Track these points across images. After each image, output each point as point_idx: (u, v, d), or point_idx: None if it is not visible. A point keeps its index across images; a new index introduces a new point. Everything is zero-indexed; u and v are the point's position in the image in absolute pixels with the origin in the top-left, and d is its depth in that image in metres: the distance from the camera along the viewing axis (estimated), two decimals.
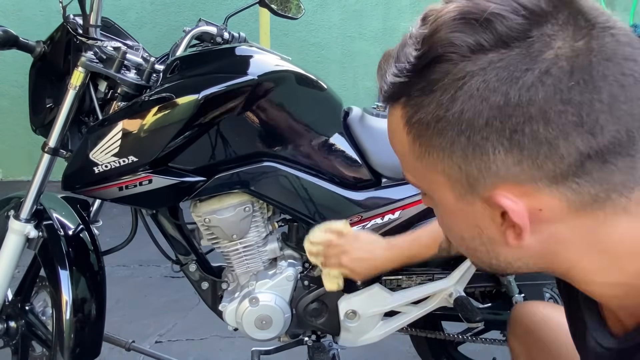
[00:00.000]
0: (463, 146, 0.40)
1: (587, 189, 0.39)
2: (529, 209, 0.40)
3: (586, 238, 0.42)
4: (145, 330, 2.03)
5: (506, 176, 0.40)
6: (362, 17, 4.47)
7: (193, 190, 1.09)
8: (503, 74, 0.37)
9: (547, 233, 0.42)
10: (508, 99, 0.37)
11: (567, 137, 0.37)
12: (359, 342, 1.25)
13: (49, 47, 1.19)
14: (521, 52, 0.37)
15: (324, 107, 1.19)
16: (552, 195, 0.40)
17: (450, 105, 0.39)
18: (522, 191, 0.40)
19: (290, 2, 1.36)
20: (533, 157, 0.38)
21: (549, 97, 0.37)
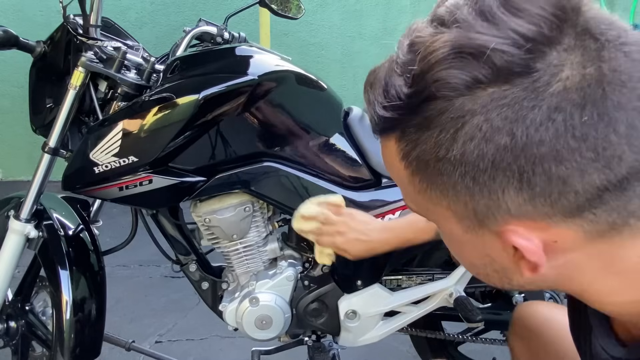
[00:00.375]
0: (468, 186, 0.37)
1: (605, 218, 0.37)
2: (543, 241, 0.38)
3: (602, 262, 0.40)
4: (145, 330, 2.03)
5: (518, 214, 0.37)
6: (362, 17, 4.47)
7: (193, 190, 1.09)
8: (507, 112, 0.34)
9: (562, 260, 0.40)
10: (515, 140, 0.34)
11: (582, 174, 0.35)
12: (359, 342, 1.25)
13: (49, 47, 1.19)
14: (526, 87, 0.34)
15: (324, 107, 1.19)
16: (568, 227, 0.38)
17: (451, 145, 0.36)
18: (536, 227, 0.38)
19: (290, 2, 1.36)
20: (546, 195, 0.36)
21: (560, 134, 0.34)
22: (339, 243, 0.97)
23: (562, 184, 0.35)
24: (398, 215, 1.16)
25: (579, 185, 0.35)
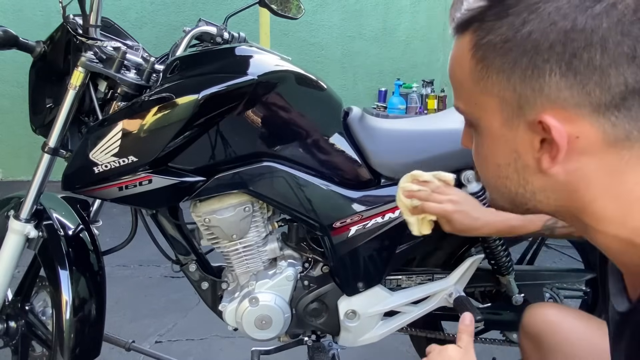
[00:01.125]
0: (524, 67, 0.44)
1: (624, 124, 0.42)
2: (568, 134, 0.44)
3: (607, 178, 0.45)
4: (145, 330, 2.04)
5: (556, 99, 0.43)
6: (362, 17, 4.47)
7: (193, 190, 1.09)
8: (575, 2, 0.41)
9: (575, 165, 0.45)
10: (575, 25, 0.41)
11: (618, 68, 0.40)
12: (359, 342, 1.25)
13: (49, 47, 1.19)
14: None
15: (324, 107, 1.19)
16: (592, 124, 0.43)
17: (521, 27, 0.43)
18: (566, 117, 0.43)
19: (290, 2, 1.36)
20: (584, 83, 0.42)
21: (612, 27, 0.40)
22: (449, 210, 0.96)
23: (600, 74, 0.41)
24: (398, 214, 1.16)
25: (613, 78, 0.41)
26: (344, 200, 1.15)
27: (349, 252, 1.18)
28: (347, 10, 4.45)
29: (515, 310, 1.32)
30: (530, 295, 1.33)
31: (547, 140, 0.45)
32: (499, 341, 1.39)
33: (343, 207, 1.15)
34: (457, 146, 1.18)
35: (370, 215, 1.16)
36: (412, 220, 0.99)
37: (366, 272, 1.20)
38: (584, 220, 0.49)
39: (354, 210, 1.15)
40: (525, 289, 1.33)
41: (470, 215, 0.97)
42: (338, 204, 1.15)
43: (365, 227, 1.16)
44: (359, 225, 1.16)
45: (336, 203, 1.15)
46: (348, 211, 1.15)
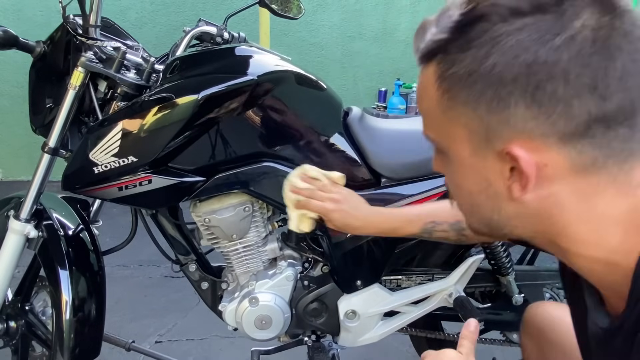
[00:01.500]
0: (489, 99, 0.44)
1: (589, 151, 0.44)
2: (536, 163, 0.45)
3: (578, 203, 0.46)
4: (145, 330, 2.04)
5: (522, 130, 0.44)
6: (362, 17, 4.47)
7: (193, 190, 1.09)
8: (535, 35, 0.42)
9: (546, 191, 0.46)
10: (537, 58, 0.42)
11: (580, 98, 0.42)
12: (359, 342, 1.25)
13: (49, 47, 1.19)
14: (553, 17, 0.42)
15: (324, 107, 1.19)
16: (559, 152, 0.44)
17: (484, 60, 0.43)
18: (533, 146, 0.44)
19: (290, 2, 1.36)
20: (549, 114, 0.43)
21: (572, 59, 0.41)
22: (328, 208, 0.98)
23: (564, 105, 0.42)
24: None
25: (576, 108, 0.42)
26: None
27: (348, 251, 1.18)
28: (347, 10, 4.44)
29: (515, 311, 1.32)
30: (531, 296, 1.33)
31: (517, 169, 0.46)
32: (499, 341, 1.39)
33: None
34: None
35: None
36: (292, 216, 1.01)
37: (365, 271, 1.20)
38: (561, 244, 0.49)
39: None
40: (526, 289, 1.33)
41: (350, 214, 0.98)
42: None
43: None
44: None
45: None
46: None
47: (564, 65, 0.41)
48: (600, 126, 0.43)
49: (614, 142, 0.44)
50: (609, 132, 0.43)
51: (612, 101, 0.42)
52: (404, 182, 1.17)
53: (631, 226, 0.46)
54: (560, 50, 0.41)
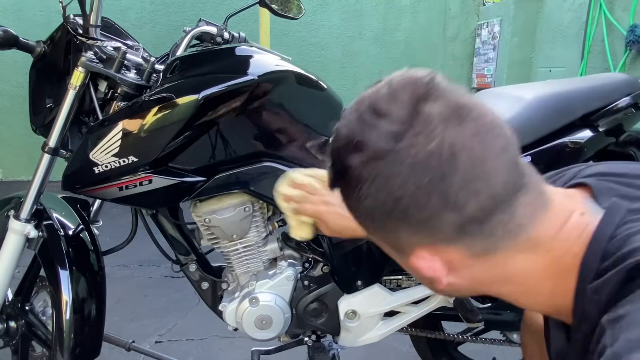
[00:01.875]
0: (376, 227, 0.53)
1: (476, 243, 0.51)
2: (443, 261, 0.53)
3: (498, 274, 0.54)
4: (145, 330, 2.04)
5: (414, 242, 0.52)
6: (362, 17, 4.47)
7: (193, 190, 1.09)
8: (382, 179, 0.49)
9: (466, 273, 0.54)
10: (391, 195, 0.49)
11: (439, 215, 0.48)
12: (359, 342, 1.25)
13: (49, 47, 1.19)
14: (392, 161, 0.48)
15: (324, 107, 1.19)
16: (453, 251, 0.52)
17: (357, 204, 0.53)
18: (434, 250, 0.52)
19: (290, 2, 1.36)
20: (424, 230, 0.50)
21: (415, 190, 0.48)
22: (322, 212, 0.96)
23: (429, 223, 0.49)
24: None
25: (440, 223, 0.49)
26: None
27: (348, 251, 1.18)
28: (347, 10, 4.45)
29: (515, 310, 1.32)
30: None
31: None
32: (499, 341, 1.39)
33: None
34: None
35: None
36: (292, 223, 1.00)
37: (365, 271, 1.20)
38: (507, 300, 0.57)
39: None
40: None
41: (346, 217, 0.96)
42: None
43: None
44: None
45: None
46: None
47: (412, 197, 0.48)
48: (473, 224, 0.49)
49: (496, 230, 0.50)
50: (485, 225, 0.49)
51: (469, 206, 0.48)
52: None
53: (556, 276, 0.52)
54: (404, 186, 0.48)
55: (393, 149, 0.47)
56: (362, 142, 0.49)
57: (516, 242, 0.51)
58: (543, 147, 1.18)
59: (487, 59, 4.15)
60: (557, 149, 1.19)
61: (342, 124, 0.53)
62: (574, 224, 0.52)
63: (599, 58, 2.99)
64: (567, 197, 0.55)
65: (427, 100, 0.48)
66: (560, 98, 1.20)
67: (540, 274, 0.53)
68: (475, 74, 4.37)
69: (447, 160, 0.47)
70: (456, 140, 0.47)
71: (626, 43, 2.72)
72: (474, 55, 4.44)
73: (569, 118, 1.19)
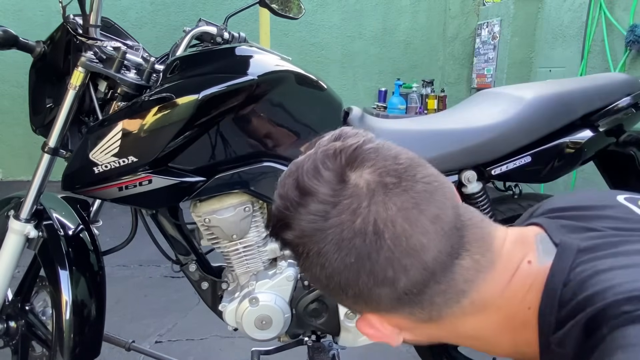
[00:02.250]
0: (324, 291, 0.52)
1: (418, 313, 0.49)
2: (392, 324, 0.52)
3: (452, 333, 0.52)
4: (145, 330, 2.03)
5: (358, 310, 0.52)
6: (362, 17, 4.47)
7: (193, 190, 1.09)
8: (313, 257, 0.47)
9: (419, 332, 0.53)
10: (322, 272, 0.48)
11: (373, 290, 0.47)
12: (359, 342, 1.25)
13: (49, 47, 1.19)
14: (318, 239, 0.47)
15: (324, 107, 1.19)
16: (398, 317, 0.50)
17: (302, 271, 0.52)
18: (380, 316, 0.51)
19: (290, 2, 1.36)
20: (362, 302, 0.49)
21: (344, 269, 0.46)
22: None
23: (364, 297, 0.48)
24: None
25: (374, 296, 0.47)
26: None
27: None
28: (347, 10, 4.45)
29: None
30: None
31: None
32: None
33: None
34: (458, 146, 1.19)
35: None
36: None
37: None
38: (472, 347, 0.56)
39: None
40: None
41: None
42: None
43: None
44: None
45: None
46: None
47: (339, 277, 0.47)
48: (409, 297, 0.47)
49: (435, 299, 0.48)
50: (422, 296, 0.47)
51: (401, 282, 0.46)
52: None
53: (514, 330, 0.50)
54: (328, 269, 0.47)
55: (321, 228, 0.46)
56: (291, 222, 0.48)
57: (461, 307, 0.49)
58: (543, 147, 1.18)
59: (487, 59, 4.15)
60: (557, 149, 1.19)
61: (276, 201, 0.52)
62: (522, 277, 0.49)
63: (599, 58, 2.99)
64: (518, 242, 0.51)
65: (354, 169, 0.47)
66: (560, 98, 1.20)
67: (496, 330, 0.51)
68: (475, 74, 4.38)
69: (371, 239, 0.45)
70: (380, 217, 0.45)
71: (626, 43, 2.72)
72: (474, 55, 4.44)
73: (569, 118, 1.19)
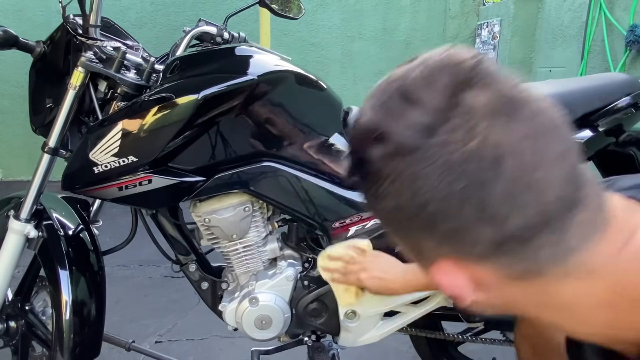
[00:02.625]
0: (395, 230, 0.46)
1: (514, 265, 0.42)
2: (470, 277, 0.44)
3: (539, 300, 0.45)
4: (145, 330, 2.03)
5: (438, 254, 0.44)
6: (362, 17, 4.47)
7: (193, 190, 1.09)
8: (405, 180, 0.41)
9: (498, 294, 0.45)
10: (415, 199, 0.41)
11: (473, 227, 0.40)
12: (359, 342, 1.25)
13: (49, 47, 1.19)
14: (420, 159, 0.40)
15: (323, 107, 1.19)
16: (484, 270, 0.43)
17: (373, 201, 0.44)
18: (460, 265, 0.43)
19: (290, 2, 1.36)
20: (452, 243, 0.42)
21: (446, 197, 0.40)
22: (362, 278, 1.03)
23: (458, 236, 0.41)
24: None
25: (473, 236, 0.40)
26: (343, 201, 1.15)
27: None
28: (347, 10, 4.45)
29: None
30: None
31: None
32: (499, 341, 1.39)
33: (343, 208, 1.15)
34: None
35: (369, 216, 1.16)
36: (337, 293, 1.11)
37: None
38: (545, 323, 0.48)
39: (353, 211, 1.15)
40: None
41: (384, 279, 1.04)
42: (338, 204, 1.15)
43: (364, 227, 1.16)
44: (359, 226, 1.16)
45: (336, 203, 1.15)
46: (348, 211, 1.15)
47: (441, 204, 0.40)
48: (513, 243, 0.40)
49: (541, 252, 0.41)
50: (528, 245, 0.40)
51: (511, 222, 0.39)
52: None
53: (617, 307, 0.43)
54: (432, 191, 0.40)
55: (423, 145, 0.39)
56: (385, 133, 0.41)
57: (565, 267, 0.42)
58: None
59: None
60: None
61: (365, 109, 0.44)
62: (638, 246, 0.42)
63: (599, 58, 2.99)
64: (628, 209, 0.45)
65: (471, 88, 0.40)
66: (560, 98, 1.19)
67: (596, 303, 0.43)
68: None
69: (489, 165, 0.38)
70: (502, 141, 0.38)
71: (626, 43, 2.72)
72: None
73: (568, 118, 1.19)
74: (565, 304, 0.44)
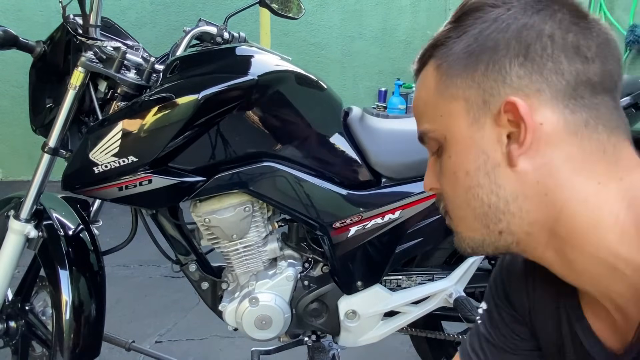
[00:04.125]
0: (485, 63, 0.48)
1: (580, 111, 0.46)
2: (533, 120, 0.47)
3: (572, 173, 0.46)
4: (145, 330, 2.03)
5: (518, 87, 0.47)
6: (362, 17, 4.47)
7: (193, 190, 1.09)
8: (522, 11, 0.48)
9: (542, 159, 0.47)
10: (525, 24, 0.47)
11: (567, 56, 0.46)
12: (359, 342, 1.25)
13: (49, 47, 1.19)
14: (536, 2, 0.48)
15: (324, 107, 1.19)
16: (553, 111, 0.46)
17: (479, 35, 0.48)
18: (529, 104, 0.46)
19: (290, 2, 1.36)
20: (540, 70, 0.46)
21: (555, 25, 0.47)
22: None
23: (553, 62, 0.46)
24: (398, 214, 1.16)
25: (565, 66, 0.46)
26: (344, 201, 1.15)
27: (348, 252, 1.18)
28: (347, 10, 4.44)
29: None
30: None
31: (514, 135, 0.47)
32: None
33: (343, 208, 1.15)
34: None
35: (370, 216, 1.16)
36: None
37: (365, 271, 1.20)
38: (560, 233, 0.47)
39: (353, 211, 1.15)
40: None
41: None
42: (338, 204, 1.15)
43: (365, 227, 1.16)
44: (359, 226, 1.16)
45: (336, 203, 1.15)
46: (348, 211, 1.15)
47: (549, 29, 0.47)
48: (587, 88, 0.46)
49: (602, 108, 0.47)
50: (596, 96, 0.47)
51: (595, 64, 0.46)
52: (404, 181, 1.17)
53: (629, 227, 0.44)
54: (544, 20, 0.47)
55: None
56: None
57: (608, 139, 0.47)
58: None
59: None
60: None
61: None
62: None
63: None
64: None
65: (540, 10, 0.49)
66: None
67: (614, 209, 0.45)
68: None
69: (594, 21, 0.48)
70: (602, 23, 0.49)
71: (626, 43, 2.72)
72: None
73: None
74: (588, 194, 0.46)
